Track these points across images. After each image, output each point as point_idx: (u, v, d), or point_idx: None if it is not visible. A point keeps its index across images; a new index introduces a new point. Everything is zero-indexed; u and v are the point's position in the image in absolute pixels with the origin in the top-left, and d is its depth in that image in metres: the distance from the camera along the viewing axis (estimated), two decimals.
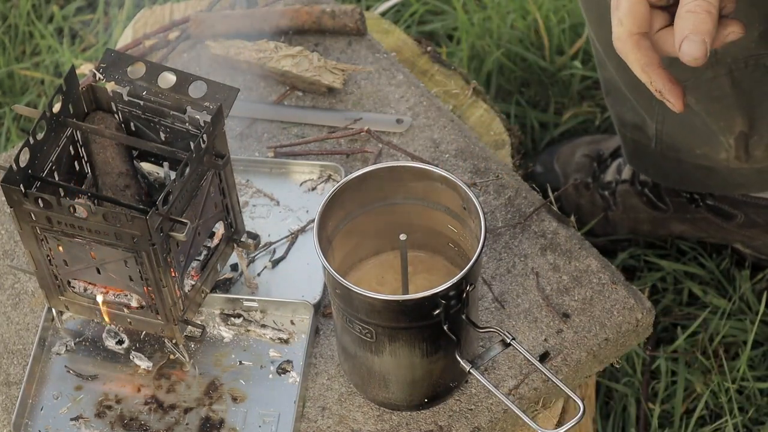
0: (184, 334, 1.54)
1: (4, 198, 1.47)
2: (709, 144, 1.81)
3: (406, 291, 1.48)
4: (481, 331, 1.45)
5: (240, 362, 1.57)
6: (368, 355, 1.46)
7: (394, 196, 1.49)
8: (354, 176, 1.45)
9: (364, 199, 1.48)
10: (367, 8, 2.42)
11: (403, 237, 1.42)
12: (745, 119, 1.75)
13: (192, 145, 1.44)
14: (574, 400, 1.39)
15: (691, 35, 1.21)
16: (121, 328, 1.59)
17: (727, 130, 1.77)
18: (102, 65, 1.52)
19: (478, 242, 1.39)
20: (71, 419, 1.54)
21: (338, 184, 1.45)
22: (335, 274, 1.38)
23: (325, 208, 1.43)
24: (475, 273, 1.40)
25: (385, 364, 1.46)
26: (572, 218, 1.71)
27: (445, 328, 1.41)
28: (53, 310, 1.58)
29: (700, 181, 1.90)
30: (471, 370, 1.42)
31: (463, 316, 1.42)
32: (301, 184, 1.73)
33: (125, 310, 1.52)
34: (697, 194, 2.00)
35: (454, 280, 1.36)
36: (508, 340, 1.43)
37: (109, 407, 1.55)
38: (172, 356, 1.58)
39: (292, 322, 1.60)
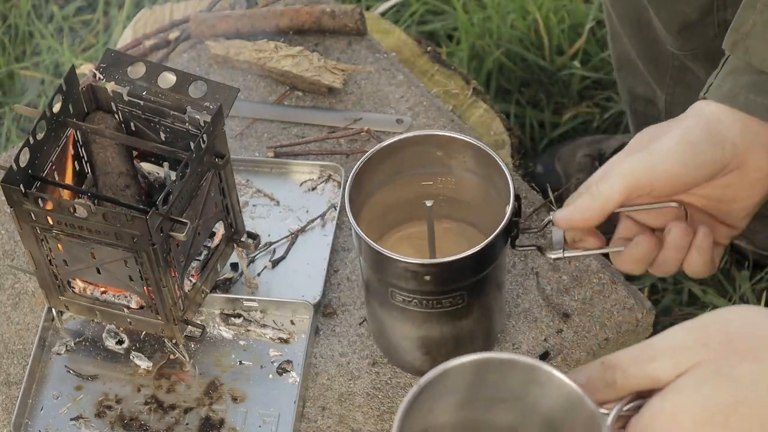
0: (184, 334, 1.54)
1: (4, 198, 1.47)
2: None
3: (433, 256, 1.49)
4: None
5: (240, 362, 1.57)
6: (456, 323, 1.46)
7: (422, 166, 1.49)
8: (383, 146, 1.45)
9: (392, 168, 1.48)
10: (367, 8, 2.42)
11: (429, 203, 1.43)
12: None
13: (192, 145, 1.44)
14: None
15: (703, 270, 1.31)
16: (121, 328, 1.59)
17: None
18: (102, 65, 1.52)
19: (507, 205, 1.39)
20: (71, 419, 1.54)
21: (367, 154, 1.45)
22: (443, 259, 1.38)
23: (354, 180, 1.43)
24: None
25: (473, 322, 1.47)
26: None
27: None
28: (53, 310, 1.58)
29: None
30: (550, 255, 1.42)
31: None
32: (301, 184, 1.73)
33: (125, 310, 1.52)
34: None
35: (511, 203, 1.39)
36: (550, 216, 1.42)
37: (109, 407, 1.55)
38: (172, 356, 1.58)
39: (292, 322, 1.60)
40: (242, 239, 1.59)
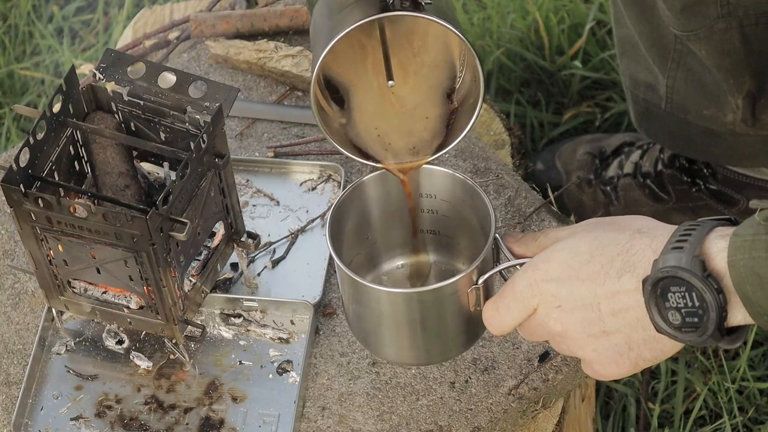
0: (184, 334, 1.54)
1: (4, 198, 1.47)
2: (718, 105, 1.80)
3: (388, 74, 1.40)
4: None
5: (240, 362, 1.57)
6: None
7: None
8: None
9: None
10: None
11: (391, 84, 1.37)
12: (753, 79, 1.74)
13: (192, 145, 1.45)
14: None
15: None
16: (121, 328, 1.59)
17: (735, 88, 1.76)
18: (102, 65, 1.52)
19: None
20: (71, 419, 1.54)
21: None
22: None
23: None
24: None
25: None
26: (572, 218, 1.71)
27: None
28: (53, 310, 1.58)
29: (705, 148, 1.90)
30: None
31: None
32: (301, 184, 1.73)
33: (125, 310, 1.52)
34: (700, 179, 2.00)
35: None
36: None
37: (109, 407, 1.55)
38: (172, 356, 1.58)
39: (292, 322, 1.60)
40: (242, 239, 1.59)
